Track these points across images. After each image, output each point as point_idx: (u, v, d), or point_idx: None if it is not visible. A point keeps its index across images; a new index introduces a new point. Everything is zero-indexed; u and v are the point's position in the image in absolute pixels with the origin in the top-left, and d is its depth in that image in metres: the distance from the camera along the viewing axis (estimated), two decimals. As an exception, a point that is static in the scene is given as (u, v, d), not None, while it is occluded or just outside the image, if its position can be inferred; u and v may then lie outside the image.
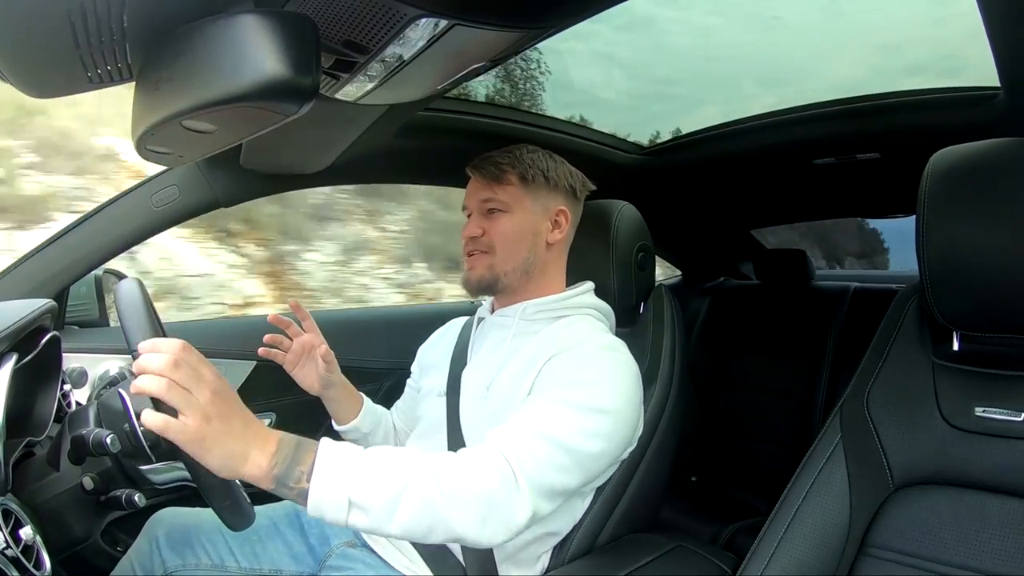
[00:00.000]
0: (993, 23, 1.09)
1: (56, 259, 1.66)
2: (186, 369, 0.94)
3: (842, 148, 2.02)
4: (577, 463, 1.21)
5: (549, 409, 1.23)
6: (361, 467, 1.03)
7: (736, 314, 3.08)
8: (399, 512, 1.02)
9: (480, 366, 1.50)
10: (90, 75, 0.88)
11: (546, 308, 1.48)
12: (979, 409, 1.18)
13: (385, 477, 1.03)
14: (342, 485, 1.00)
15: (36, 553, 1.08)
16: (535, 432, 1.18)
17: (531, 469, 1.13)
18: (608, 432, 1.26)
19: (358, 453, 1.05)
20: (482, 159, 1.49)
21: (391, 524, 1.03)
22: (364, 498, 1.01)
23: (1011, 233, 1.08)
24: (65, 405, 1.51)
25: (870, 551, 1.21)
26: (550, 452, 1.17)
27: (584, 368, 1.30)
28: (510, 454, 1.13)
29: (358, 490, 1.01)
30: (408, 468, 1.06)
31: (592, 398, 1.25)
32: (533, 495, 1.12)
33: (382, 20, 0.89)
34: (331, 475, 1.00)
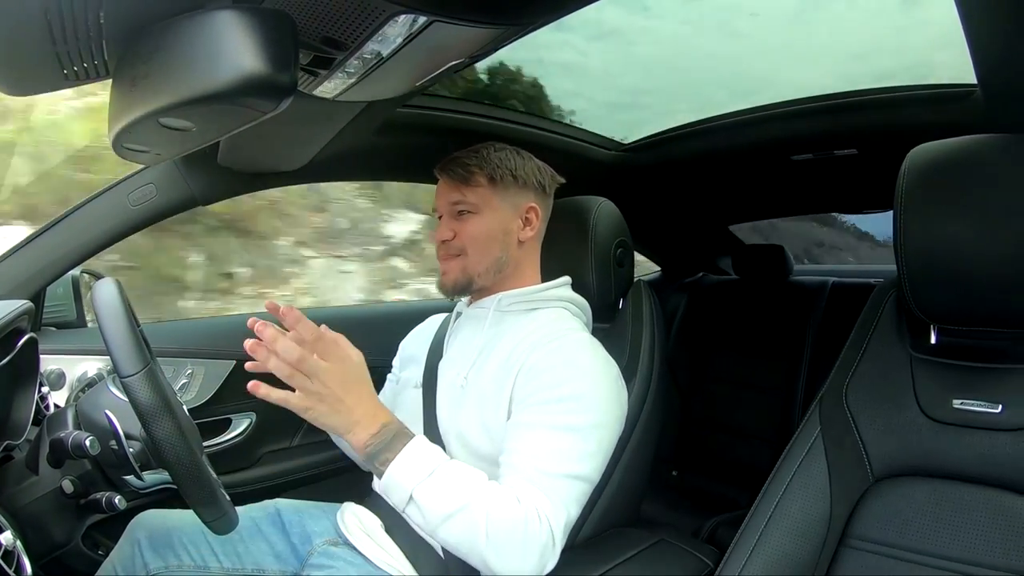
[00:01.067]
0: (970, 19, 1.10)
1: (32, 260, 1.64)
2: (310, 360, 1.14)
3: (820, 144, 2.03)
4: (590, 485, 1.29)
5: (553, 441, 1.27)
6: (434, 474, 1.17)
7: (715, 309, 3.09)
8: (446, 528, 1.15)
9: (456, 358, 1.50)
10: (66, 72, 0.88)
11: (521, 299, 1.49)
12: (957, 401, 1.19)
13: (449, 492, 1.16)
14: (412, 482, 1.16)
15: (16, 558, 1.06)
16: (555, 475, 1.24)
17: (563, 517, 1.21)
18: (604, 443, 1.33)
19: (438, 460, 1.20)
20: (449, 160, 1.50)
21: (437, 533, 1.17)
22: (425, 501, 1.16)
23: (987, 227, 1.10)
24: (43, 408, 1.50)
25: (851, 543, 1.22)
26: (570, 489, 1.24)
27: (566, 380, 1.32)
28: (547, 512, 1.19)
29: (422, 491, 1.16)
30: (470, 495, 1.16)
31: (582, 416, 1.29)
32: (562, 541, 1.20)
33: (361, 16, 0.89)
34: (407, 470, 1.17)
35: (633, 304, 1.67)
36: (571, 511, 1.23)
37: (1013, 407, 1.14)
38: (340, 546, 1.46)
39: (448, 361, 1.52)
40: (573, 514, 1.24)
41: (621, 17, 3.07)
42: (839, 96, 1.86)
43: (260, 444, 2.01)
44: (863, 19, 2.54)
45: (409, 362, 1.65)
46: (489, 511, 1.15)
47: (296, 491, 1.96)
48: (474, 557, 1.16)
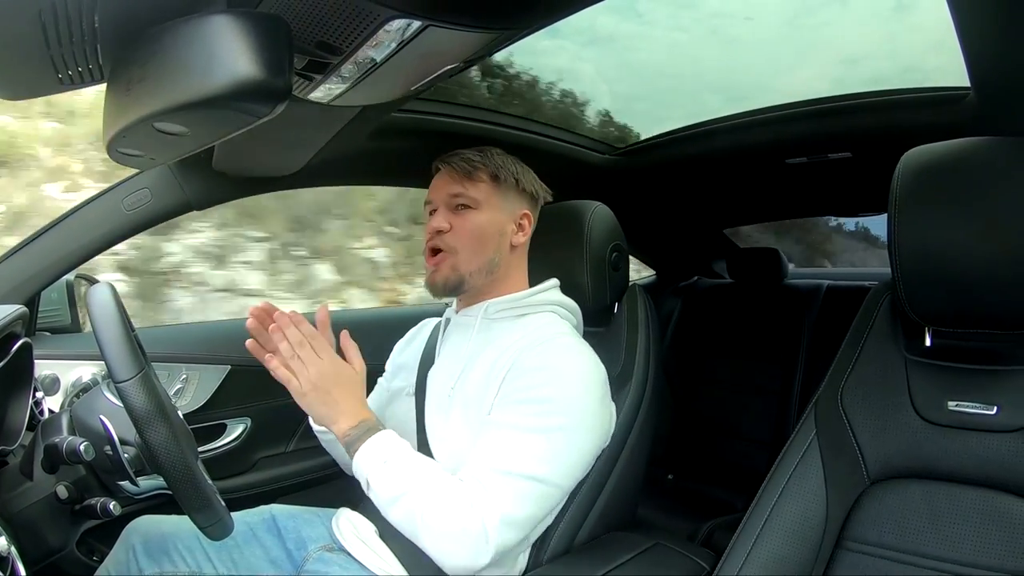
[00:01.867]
0: (963, 23, 1.10)
1: (27, 264, 1.63)
2: (308, 350, 1.32)
3: (814, 148, 2.03)
4: (545, 486, 1.29)
5: (508, 439, 1.29)
6: (388, 462, 1.28)
7: (710, 313, 3.09)
8: (392, 511, 1.27)
9: (444, 367, 1.50)
10: (60, 76, 0.88)
11: (509, 306, 1.49)
12: (952, 403, 1.19)
13: (396, 480, 1.27)
14: (369, 468, 1.28)
15: (11, 564, 1.06)
16: (499, 471, 1.26)
17: (499, 513, 1.23)
18: (570, 448, 1.32)
19: (395, 451, 1.30)
20: (452, 154, 1.50)
21: (388, 515, 1.28)
22: (376, 486, 1.28)
23: (981, 230, 1.10)
24: (38, 413, 1.49)
25: (847, 545, 1.22)
26: (516, 487, 1.26)
27: (537, 384, 1.33)
28: (481, 504, 1.23)
29: (375, 478, 1.28)
30: (413, 484, 1.26)
31: (547, 418, 1.30)
32: (502, 535, 1.23)
33: (355, 21, 0.89)
34: (368, 458, 1.29)
35: (628, 308, 1.67)
36: (513, 509, 1.24)
37: (1008, 409, 1.15)
38: (335, 552, 1.46)
39: (437, 370, 1.52)
40: (518, 513, 1.24)
41: (614, 23, 3.08)
42: (833, 99, 1.87)
43: (255, 449, 2.01)
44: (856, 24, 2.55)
45: (401, 369, 1.65)
46: (426, 499, 1.23)
47: (291, 496, 1.96)
48: (416, 541, 1.26)
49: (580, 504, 1.42)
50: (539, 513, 1.29)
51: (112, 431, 1.18)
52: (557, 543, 1.40)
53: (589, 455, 1.37)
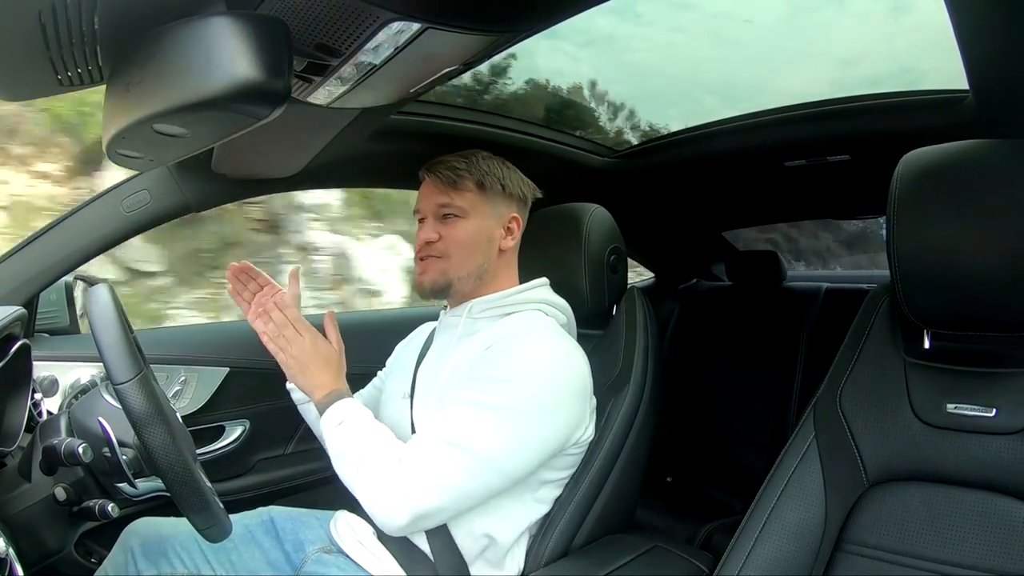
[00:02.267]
0: (962, 26, 1.10)
1: (26, 266, 1.63)
2: (290, 330, 1.45)
3: (813, 150, 2.03)
4: (474, 458, 1.27)
5: (448, 410, 1.33)
6: (342, 423, 1.36)
7: (709, 315, 3.09)
8: (338, 465, 1.35)
9: (430, 367, 1.51)
10: (60, 78, 0.88)
11: (492, 305, 1.49)
12: (951, 406, 1.19)
13: (343, 439, 1.35)
14: (326, 428, 1.37)
15: (9, 566, 1.06)
16: (430, 434, 1.31)
17: (421, 470, 1.27)
18: (510, 428, 1.29)
19: (352, 414, 1.38)
20: (437, 163, 1.49)
21: (337, 469, 1.36)
22: (329, 443, 1.37)
23: (980, 232, 1.10)
24: (36, 414, 1.49)
25: (846, 547, 1.22)
26: (441, 451, 1.28)
27: (491, 364, 1.34)
28: (407, 460, 1.29)
29: (329, 437, 1.37)
30: (356, 444, 1.33)
31: (489, 396, 1.30)
32: (425, 493, 1.26)
33: (355, 23, 0.89)
34: (327, 420, 1.38)
35: (627, 311, 1.67)
36: (436, 473, 1.27)
37: (1007, 411, 1.15)
38: (333, 554, 1.46)
39: (424, 370, 1.53)
40: (440, 478, 1.26)
41: (613, 25, 3.08)
42: (832, 102, 1.87)
43: (253, 452, 2.01)
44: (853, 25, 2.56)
45: (399, 371, 1.65)
46: (365, 456, 1.31)
47: (290, 499, 1.96)
48: (359, 497, 1.31)
49: (578, 506, 1.43)
50: (464, 484, 1.28)
51: (111, 433, 1.18)
52: (555, 545, 1.40)
53: (538, 444, 1.33)
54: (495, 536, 1.37)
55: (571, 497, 1.43)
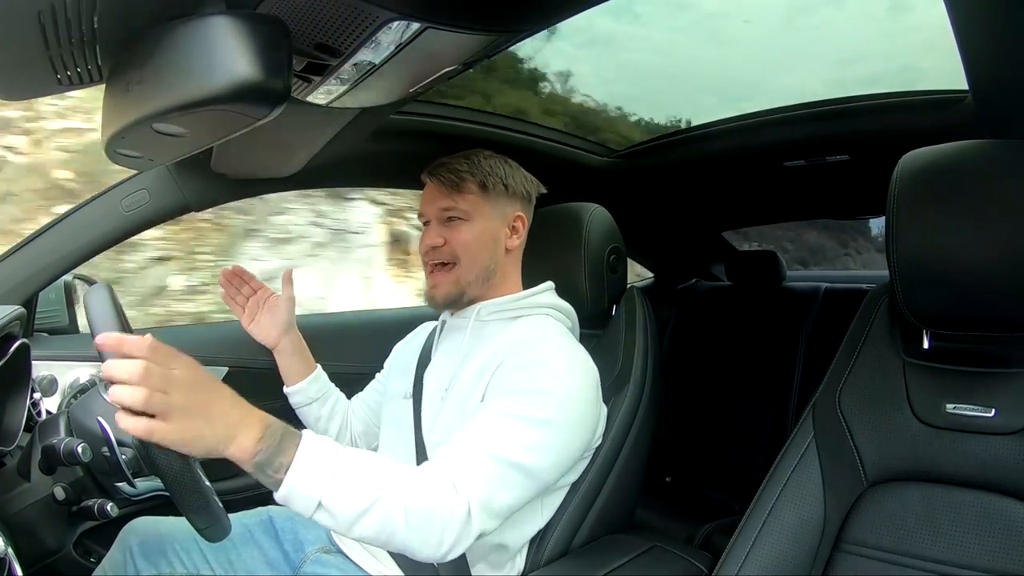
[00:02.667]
0: (961, 26, 1.10)
1: (25, 265, 1.63)
2: (157, 372, 0.96)
3: (812, 151, 2.04)
4: (528, 477, 1.23)
5: (497, 424, 1.24)
6: (337, 474, 1.06)
7: (708, 315, 3.10)
8: (362, 523, 1.07)
9: (439, 369, 1.50)
10: (59, 77, 0.88)
11: (501, 308, 1.48)
12: (950, 406, 1.19)
13: (357, 489, 1.07)
14: (316, 487, 1.04)
15: (8, 565, 1.06)
16: (486, 453, 1.20)
17: (483, 495, 1.16)
18: (558, 443, 1.28)
19: (337, 456, 1.08)
20: (438, 165, 1.48)
21: (352, 532, 1.08)
22: (334, 503, 1.05)
23: (979, 233, 1.10)
24: (35, 414, 1.49)
25: (845, 547, 1.22)
26: (501, 473, 1.19)
27: (532, 377, 1.31)
28: (465, 485, 1.15)
29: (330, 495, 1.05)
30: (381, 485, 1.09)
31: (540, 410, 1.26)
32: (482, 523, 1.16)
33: (354, 23, 0.89)
34: (308, 474, 1.04)
35: (626, 310, 1.67)
36: (497, 494, 1.18)
37: (1006, 411, 1.15)
38: (333, 554, 1.46)
39: (431, 372, 1.52)
40: (501, 499, 1.19)
41: (612, 25, 3.09)
42: (831, 102, 1.87)
43: (253, 451, 2.00)
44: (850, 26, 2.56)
45: (399, 371, 1.64)
46: (405, 498, 1.09)
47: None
48: (392, 545, 1.12)
49: (578, 506, 1.42)
50: (517, 504, 1.24)
51: (110, 432, 1.18)
52: (555, 545, 1.40)
53: (575, 453, 1.35)
54: (507, 544, 1.37)
55: (571, 498, 1.43)
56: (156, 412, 0.95)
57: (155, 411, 0.95)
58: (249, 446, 1.02)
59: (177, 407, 0.96)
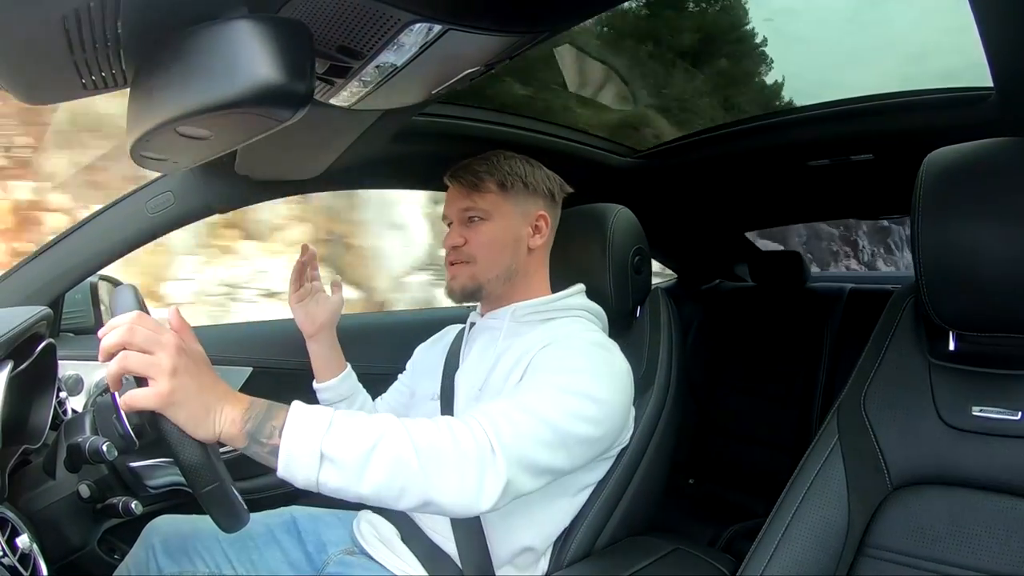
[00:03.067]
0: (986, 23, 1.09)
1: (51, 266, 1.65)
2: (143, 333, 0.98)
3: (836, 150, 2.02)
4: (561, 441, 1.20)
5: (537, 390, 1.23)
6: (334, 421, 1.04)
7: (732, 316, 3.08)
8: (371, 468, 1.03)
9: (472, 368, 1.50)
10: (84, 81, 0.88)
11: (536, 310, 1.48)
12: (976, 409, 1.17)
13: (358, 432, 1.05)
14: (314, 437, 1.01)
15: (33, 561, 1.07)
16: (519, 408, 1.18)
17: (509, 438, 1.13)
18: (596, 418, 1.26)
19: (331, 411, 1.06)
20: (459, 167, 1.50)
21: (362, 482, 1.03)
22: (336, 450, 1.02)
23: (1006, 233, 1.08)
24: (61, 413, 1.51)
25: (869, 552, 1.21)
26: (534, 426, 1.16)
27: (575, 358, 1.31)
28: (488, 423, 1.13)
29: (330, 442, 1.02)
30: (382, 426, 1.07)
31: (581, 383, 1.25)
32: (509, 464, 1.11)
33: (376, 25, 0.89)
34: (304, 428, 1.02)
35: (651, 311, 1.66)
36: (527, 446, 1.14)
37: None
38: (356, 555, 1.46)
39: (464, 372, 1.52)
40: (531, 452, 1.15)
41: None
42: (855, 101, 1.85)
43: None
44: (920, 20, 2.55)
45: (423, 374, 1.65)
46: (412, 435, 1.06)
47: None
48: (409, 494, 1.05)
49: (602, 507, 1.43)
50: (544, 464, 1.18)
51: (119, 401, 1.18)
52: (578, 546, 1.40)
53: (607, 440, 1.34)
54: (534, 545, 1.38)
55: (595, 499, 1.43)
56: (142, 371, 0.97)
57: (140, 370, 0.97)
58: (237, 415, 1.01)
59: (161, 367, 0.97)
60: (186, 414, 0.98)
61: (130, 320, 0.99)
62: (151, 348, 0.97)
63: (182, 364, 0.98)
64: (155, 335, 0.99)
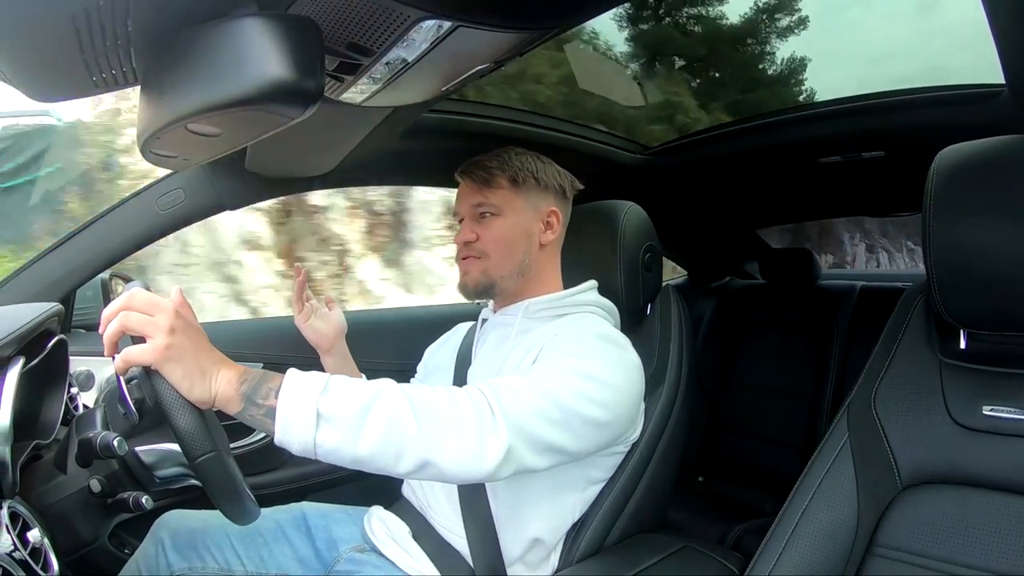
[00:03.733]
0: (998, 20, 1.08)
1: (63, 263, 1.66)
2: (142, 296, 1.02)
3: (848, 147, 2.01)
4: (565, 420, 1.18)
5: (546, 370, 1.23)
6: (330, 382, 1.05)
7: (742, 314, 3.08)
8: (368, 427, 1.03)
9: (485, 364, 1.50)
10: (95, 79, 0.89)
11: (549, 306, 1.48)
12: (987, 408, 1.17)
13: (355, 391, 1.05)
14: (310, 397, 1.02)
15: (44, 555, 1.08)
16: (524, 383, 1.18)
17: (511, 406, 1.13)
18: (604, 401, 1.24)
19: (327, 374, 1.07)
20: (470, 164, 1.50)
21: (359, 441, 1.03)
22: (332, 409, 1.02)
23: (1018, 231, 1.07)
24: (72, 408, 1.52)
25: (878, 551, 1.20)
26: (537, 400, 1.16)
27: (584, 343, 1.31)
28: (489, 391, 1.14)
29: (327, 401, 1.02)
30: (378, 386, 1.07)
31: (589, 366, 1.25)
32: (511, 430, 1.11)
33: (386, 22, 0.89)
34: (300, 388, 1.03)
35: (661, 309, 1.66)
36: (531, 420, 1.14)
37: None
38: (367, 552, 1.46)
39: (477, 367, 1.52)
40: (535, 426, 1.14)
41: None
42: (866, 98, 1.85)
43: (286, 446, 2.02)
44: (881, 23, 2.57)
45: (435, 371, 1.65)
46: (407, 395, 1.07)
47: (322, 493, 1.97)
48: (408, 454, 1.04)
49: (612, 504, 1.42)
50: (547, 441, 1.17)
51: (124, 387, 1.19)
52: (588, 543, 1.40)
53: (616, 427, 1.32)
54: (543, 539, 1.37)
55: (605, 495, 1.43)
56: (139, 329, 1.00)
57: (137, 328, 1.00)
58: (233, 376, 1.03)
59: (158, 326, 0.99)
60: (182, 371, 1.00)
61: (128, 295, 1.03)
62: (149, 310, 1.01)
63: (179, 325, 1.01)
64: (153, 300, 1.02)
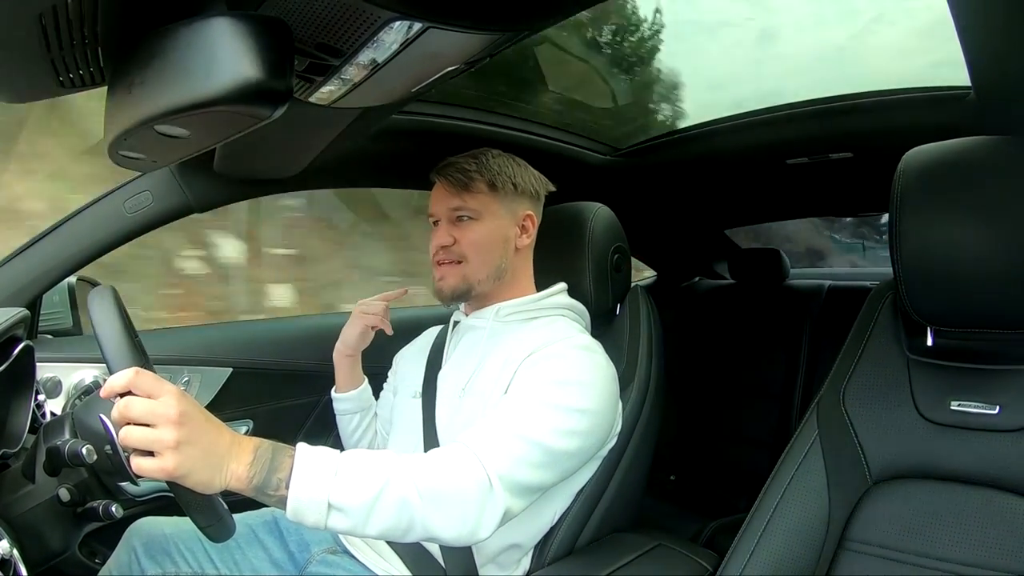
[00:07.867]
0: (963, 21, 1.10)
1: (28, 267, 1.63)
2: (139, 407, 0.94)
3: (815, 148, 2.03)
4: (552, 461, 1.23)
5: (525, 407, 1.24)
6: (339, 470, 1.04)
7: (712, 313, 3.09)
8: (377, 513, 1.05)
9: (455, 368, 1.50)
10: (61, 79, 0.88)
11: (520, 309, 1.48)
12: (954, 403, 1.19)
13: (364, 478, 1.05)
14: (321, 488, 1.02)
15: (13, 567, 1.06)
16: (510, 431, 1.20)
17: (505, 469, 1.15)
18: (584, 430, 1.28)
19: (335, 456, 1.06)
20: (447, 165, 1.48)
21: (369, 525, 1.05)
22: (343, 499, 1.03)
23: (983, 229, 1.10)
24: (40, 416, 1.49)
25: (850, 545, 1.22)
26: (525, 450, 1.19)
27: (561, 368, 1.31)
28: (484, 455, 1.15)
29: (337, 492, 1.03)
30: (386, 469, 1.08)
31: (569, 397, 1.27)
32: (507, 495, 1.14)
33: (356, 23, 0.89)
34: (310, 479, 1.02)
35: (630, 309, 1.67)
36: (520, 470, 1.17)
37: (1010, 408, 1.15)
38: (339, 554, 1.46)
39: (447, 371, 1.52)
40: (523, 476, 1.18)
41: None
42: (834, 100, 1.86)
43: (257, 451, 2.00)
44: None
45: (404, 373, 1.65)
46: (415, 477, 1.08)
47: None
48: (414, 531, 1.09)
49: (583, 505, 1.43)
50: (539, 485, 1.23)
51: (112, 431, 1.18)
52: (560, 545, 1.41)
53: (594, 447, 1.36)
54: (520, 543, 1.38)
55: (576, 496, 1.43)
56: (148, 448, 0.94)
57: (146, 447, 0.94)
58: (243, 472, 1.00)
59: (167, 443, 0.94)
60: (193, 481, 0.97)
61: (127, 381, 0.96)
62: (151, 421, 0.94)
63: (184, 435, 0.95)
64: (152, 406, 0.95)
